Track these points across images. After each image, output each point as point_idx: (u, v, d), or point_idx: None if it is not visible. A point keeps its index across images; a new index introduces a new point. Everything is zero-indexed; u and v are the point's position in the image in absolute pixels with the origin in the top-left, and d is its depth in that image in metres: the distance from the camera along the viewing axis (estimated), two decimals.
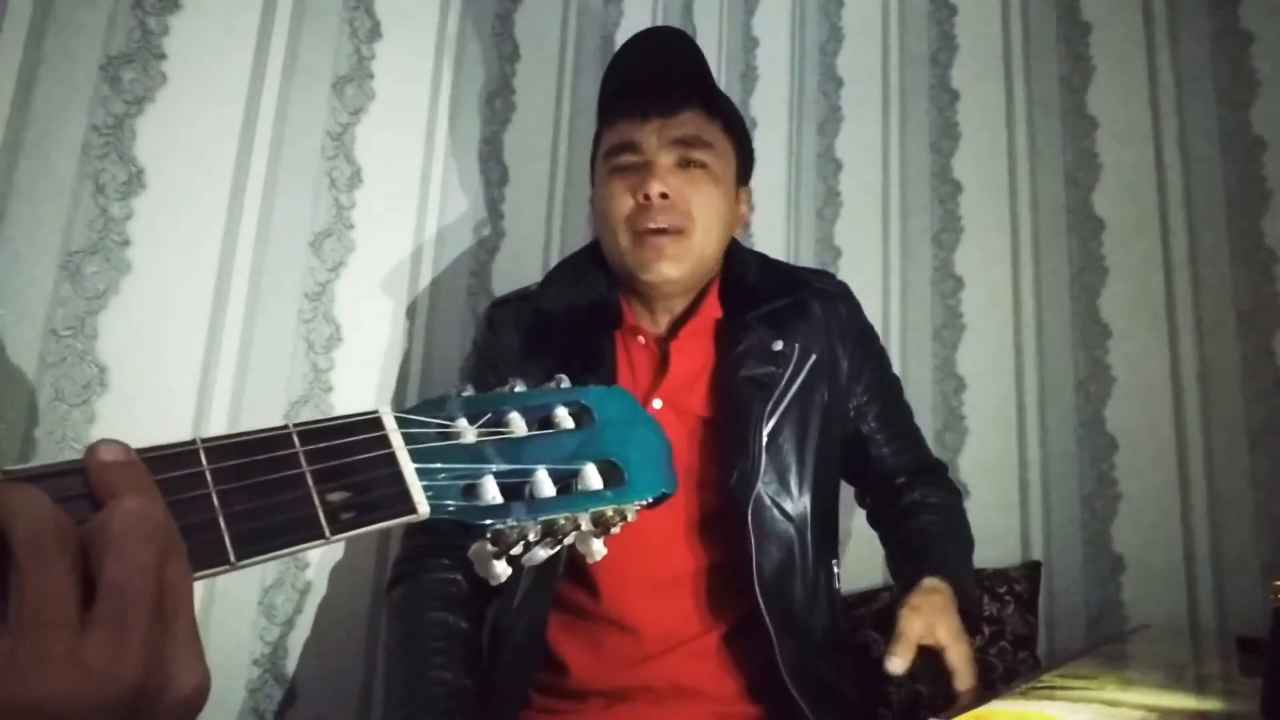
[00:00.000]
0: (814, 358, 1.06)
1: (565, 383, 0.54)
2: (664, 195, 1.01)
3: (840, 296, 1.14)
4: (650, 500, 0.51)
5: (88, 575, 0.33)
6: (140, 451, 0.37)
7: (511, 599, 1.01)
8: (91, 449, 0.36)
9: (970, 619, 0.95)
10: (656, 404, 1.02)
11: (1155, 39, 1.63)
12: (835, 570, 1.06)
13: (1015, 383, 1.67)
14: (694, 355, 1.06)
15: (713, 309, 1.08)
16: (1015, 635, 1.39)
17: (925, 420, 1.72)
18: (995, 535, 1.62)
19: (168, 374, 0.97)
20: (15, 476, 0.34)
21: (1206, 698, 0.90)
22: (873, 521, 1.18)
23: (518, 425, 0.50)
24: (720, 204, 1.05)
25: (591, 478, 0.49)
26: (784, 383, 1.03)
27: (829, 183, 1.98)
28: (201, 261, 1.02)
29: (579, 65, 1.58)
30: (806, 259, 1.96)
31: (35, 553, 0.32)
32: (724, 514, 1.00)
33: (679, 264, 1.02)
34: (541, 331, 1.06)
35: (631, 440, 0.52)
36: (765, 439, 1.01)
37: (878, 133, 1.94)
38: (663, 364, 1.06)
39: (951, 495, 1.15)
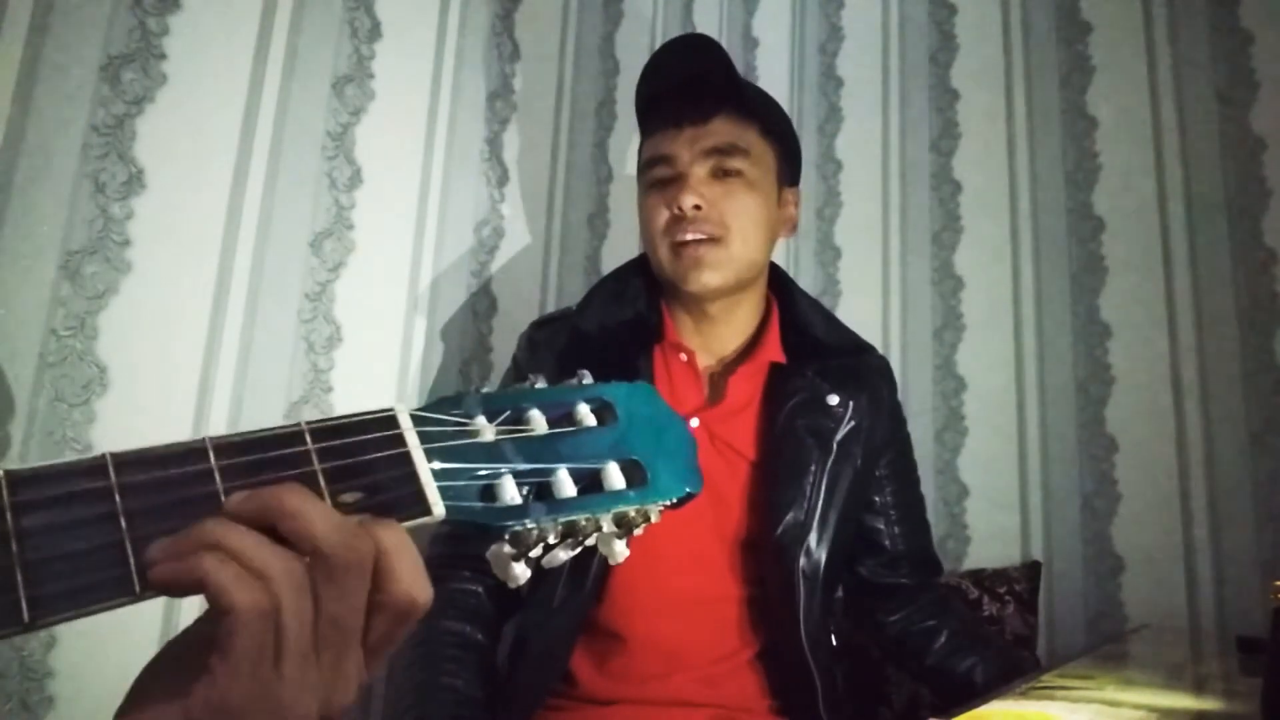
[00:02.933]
0: (855, 421, 1.06)
1: (588, 379, 0.52)
2: (697, 207, 1.01)
3: (884, 372, 1.15)
4: (674, 500, 0.49)
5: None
6: (144, 450, 0.37)
7: (539, 615, 1.00)
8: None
9: None
10: (693, 423, 1.03)
11: (1155, 39, 1.63)
12: (831, 626, 1.05)
13: (1015, 383, 1.67)
14: (743, 390, 1.06)
15: (773, 350, 1.08)
16: (1015, 635, 1.39)
17: (925, 420, 1.72)
18: (995, 535, 1.62)
19: (168, 374, 0.97)
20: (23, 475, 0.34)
21: (1206, 698, 0.90)
22: (863, 612, 1.14)
23: (538, 423, 0.48)
24: (757, 210, 1.04)
25: (614, 477, 0.47)
26: (835, 437, 1.04)
27: (829, 183, 1.98)
28: (201, 261, 1.01)
29: (579, 65, 1.57)
30: (807, 259, 1.96)
31: (292, 587, 0.35)
32: (750, 550, 1.00)
33: (718, 271, 1.01)
34: (578, 353, 1.06)
35: (656, 438, 0.50)
36: (822, 490, 1.01)
37: (878, 133, 1.93)
38: (712, 390, 1.06)
39: (956, 601, 1.14)
